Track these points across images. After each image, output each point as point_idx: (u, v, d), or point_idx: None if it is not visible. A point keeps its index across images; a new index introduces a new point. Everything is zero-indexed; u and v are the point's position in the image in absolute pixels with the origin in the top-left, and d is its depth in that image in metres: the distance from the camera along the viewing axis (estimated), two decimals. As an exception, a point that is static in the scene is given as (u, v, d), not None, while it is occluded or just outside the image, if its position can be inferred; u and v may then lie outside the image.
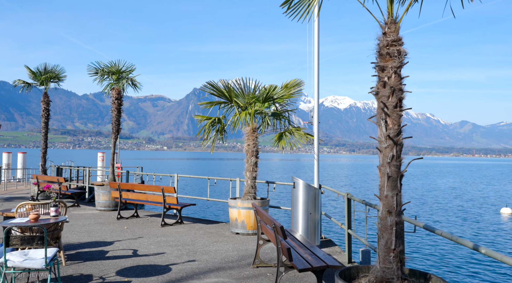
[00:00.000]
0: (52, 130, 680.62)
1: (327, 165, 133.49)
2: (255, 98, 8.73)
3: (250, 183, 9.00)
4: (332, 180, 55.39)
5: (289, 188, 31.55)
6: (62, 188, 12.57)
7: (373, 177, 65.32)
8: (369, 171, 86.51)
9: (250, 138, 9.01)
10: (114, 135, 12.51)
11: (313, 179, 8.01)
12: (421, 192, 39.19)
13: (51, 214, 5.48)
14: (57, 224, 6.02)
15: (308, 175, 68.08)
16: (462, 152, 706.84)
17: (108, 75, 12.45)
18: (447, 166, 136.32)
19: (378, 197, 3.43)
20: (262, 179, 54.78)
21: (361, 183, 51.10)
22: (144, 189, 10.29)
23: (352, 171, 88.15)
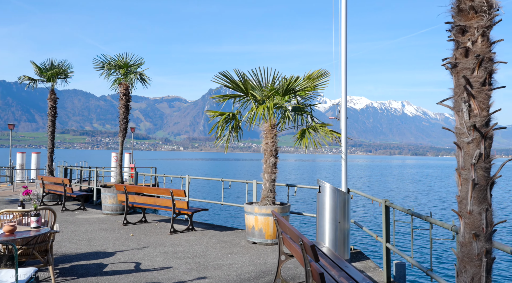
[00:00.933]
0: (71, 131, 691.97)
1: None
2: (274, 91, 7.73)
3: (269, 186, 8.01)
4: (349, 181, 53.97)
5: (312, 191, 29.98)
6: (68, 190, 11.78)
7: (390, 178, 63.62)
8: (387, 172, 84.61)
9: (268, 136, 8.03)
10: (121, 134, 11.67)
11: (336, 181, 6.99)
12: (446, 194, 37.58)
13: (31, 225, 4.60)
14: (44, 235, 5.13)
15: (327, 176, 66.69)
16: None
17: (115, 70, 11.62)
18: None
19: (457, 212, 2.41)
20: (281, 181, 53.34)
21: (381, 184, 49.56)
22: (152, 192, 9.39)
23: (370, 172, 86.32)
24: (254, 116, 7.72)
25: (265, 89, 7.86)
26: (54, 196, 13.44)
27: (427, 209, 26.30)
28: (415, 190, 42.07)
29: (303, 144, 7.70)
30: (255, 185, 9.26)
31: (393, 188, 44.03)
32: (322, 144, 7.70)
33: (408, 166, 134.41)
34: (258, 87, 7.99)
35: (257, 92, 8.01)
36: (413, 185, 49.36)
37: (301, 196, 29.91)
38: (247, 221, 7.99)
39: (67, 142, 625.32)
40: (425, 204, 29.15)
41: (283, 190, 11.00)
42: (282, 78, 7.65)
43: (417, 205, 28.89)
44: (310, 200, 27.61)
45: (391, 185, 47.75)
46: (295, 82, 7.64)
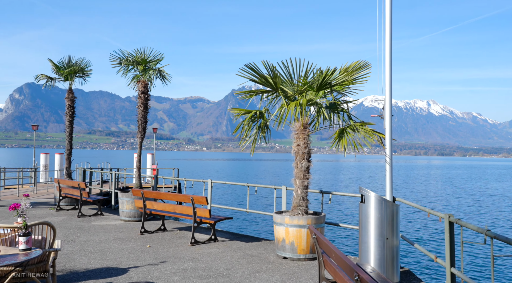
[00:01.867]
0: (98, 132, 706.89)
1: (367, 165, 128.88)
2: (308, 85, 6.78)
3: (301, 193, 7.07)
4: (374, 183, 52.30)
5: (348, 199, 28.13)
6: (84, 195, 11.13)
7: (418, 179, 61.50)
8: (413, 174, 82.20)
9: (300, 136, 7.09)
10: (140, 135, 10.94)
11: (364, 185, 5.99)
12: (480, 197, 35.67)
13: (19, 246, 3.81)
14: (43, 255, 4.35)
15: (351, 177, 65.07)
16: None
17: (134, 66, 10.89)
18: (499, 168, 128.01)
19: None
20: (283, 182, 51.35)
21: (408, 186, 47.76)
22: (172, 198, 8.59)
23: (395, 172, 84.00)
24: (284, 115, 6.80)
25: (297, 84, 6.93)
26: (72, 200, 12.86)
27: (463, 214, 24.75)
28: (446, 192, 40.24)
29: (342, 145, 6.72)
30: (284, 191, 8.33)
31: (421, 189, 42.26)
32: (364, 145, 6.70)
33: (434, 167, 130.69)
34: (288, 81, 7.06)
35: (287, 87, 7.08)
36: (443, 186, 47.37)
37: (335, 203, 26.88)
38: (277, 233, 7.07)
39: (93, 143, 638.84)
40: (461, 208, 27.55)
41: (317, 198, 10.01)
42: (317, 71, 6.69)
43: (452, 209, 27.33)
44: (346, 208, 24.93)
45: (419, 187, 45.94)
46: (331, 76, 6.67)
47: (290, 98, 7.23)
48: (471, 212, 25.64)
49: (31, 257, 3.61)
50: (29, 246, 3.79)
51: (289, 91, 7.08)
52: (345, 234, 16.37)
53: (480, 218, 23.12)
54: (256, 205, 25.74)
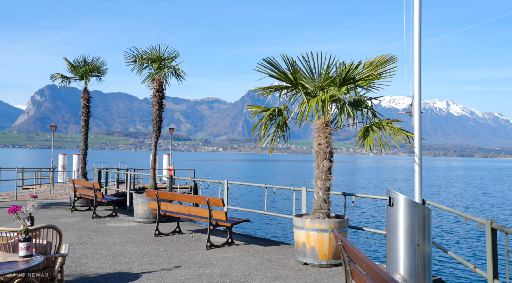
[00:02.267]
0: (116, 133, 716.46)
1: (385, 167, 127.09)
2: (330, 80, 6.37)
3: (322, 195, 6.67)
4: (395, 184, 51.27)
5: (372, 202, 26.38)
6: (98, 195, 10.92)
7: (437, 180, 60.13)
8: (434, 175, 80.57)
9: (321, 135, 6.69)
10: (154, 135, 10.68)
11: (381, 186, 5.54)
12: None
13: (19, 253, 3.51)
14: (47, 261, 4.06)
15: (370, 179, 64.06)
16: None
17: (148, 64, 10.63)
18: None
19: None
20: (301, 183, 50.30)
21: (429, 188, 46.68)
22: (187, 199, 8.27)
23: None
24: (305, 112, 6.41)
25: (318, 79, 6.53)
26: (87, 201, 12.69)
27: (499, 220, 23.86)
28: (473, 194, 39.13)
29: (367, 144, 6.28)
30: (304, 193, 7.92)
31: (447, 191, 41.20)
32: (391, 145, 6.26)
33: (455, 168, 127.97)
34: (309, 76, 6.67)
35: (308, 83, 6.68)
36: (469, 188, 46.12)
37: (358, 206, 25.16)
38: (297, 237, 6.68)
39: (112, 143, 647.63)
40: (491, 212, 26.63)
41: (339, 200, 9.55)
42: (340, 64, 6.27)
43: (486, 213, 26.43)
44: (369, 211, 23.32)
45: (444, 189, 44.84)
46: (355, 70, 6.24)
47: (310, 94, 6.84)
48: (508, 216, 24.59)
49: (31, 265, 3.31)
50: (30, 253, 3.50)
51: (309, 87, 6.69)
52: (370, 239, 15.44)
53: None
54: (274, 207, 24.85)
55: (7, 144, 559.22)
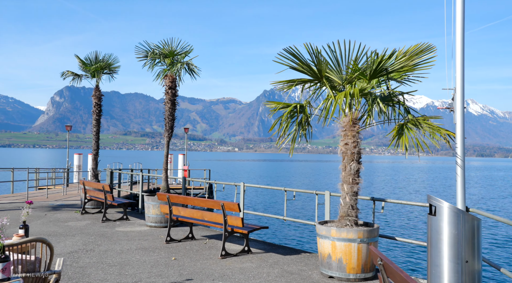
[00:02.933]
0: (133, 133, 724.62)
1: (402, 167, 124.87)
2: (359, 72, 5.68)
3: (349, 200, 5.98)
4: (410, 184, 49.93)
5: (405, 208, 24.06)
6: (108, 198, 10.43)
7: (471, 183, 58.35)
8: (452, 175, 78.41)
9: (348, 134, 6.01)
10: (167, 134, 10.12)
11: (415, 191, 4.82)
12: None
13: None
14: (36, 280, 3.48)
15: (386, 179, 62.70)
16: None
17: (160, 59, 10.08)
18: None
19: None
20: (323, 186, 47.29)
21: (447, 188, 45.28)
22: (200, 203, 7.67)
23: (438, 174, 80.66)
24: (330, 108, 5.73)
25: (346, 71, 5.84)
26: (98, 203, 12.23)
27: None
28: (494, 196, 37.72)
29: (402, 144, 5.57)
30: (328, 197, 7.24)
31: (476, 194, 39.83)
32: (430, 145, 5.53)
33: (475, 168, 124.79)
34: (335, 68, 5.99)
35: (334, 76, 6.00)
36: (488, 189, 44.59)
37: (388, 212, 23.00)
38: (321, 247, 6.01)
39: (129, 143, 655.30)
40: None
41: (366, 206, 8.81)
42: (372, 54, 5.56)
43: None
44: (400, 218, 20.94)
45: (478, 192, 43.41)
46: (388, 60, 5.54)
47: (336, 88, 6.16)
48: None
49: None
50: (7, 275, 2.91)
51: (336, 80, 6.01)
52: (402, 250, 13.94)
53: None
54: (294, 212, 23.14)
55: (28, 144, 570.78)
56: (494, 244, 15.79)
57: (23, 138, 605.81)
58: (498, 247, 15.27)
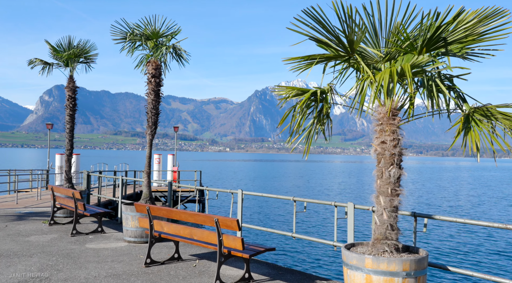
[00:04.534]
0: (123, 133, 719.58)
1: (429, 168, 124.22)
2: (409, 43, 4.12)
3: (388, 218, 4.45)
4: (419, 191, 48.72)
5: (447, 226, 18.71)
6: (79, 207, 8.77)
7: (446, 183, 57.49)
8: (446, 176, 77.88)
9: (386, 129, 4.49)
10: (150, 131, 8.50)
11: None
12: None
13: None
14: None
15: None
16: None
17: (142, 42, 8.46)
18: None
19: None
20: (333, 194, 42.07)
21: (441, 191, 44.17)
22: (188, 218, 6.08)
23: (423, 175, 79.83)
24: (364, 91, 4.18)
25: (391, 40, 4.29)
26: (72, 211, 10.56)
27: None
28: (488, 198, 36.59)
29: (473, 142, 4.04)
30: (351, 211, 5.69)
31: (461, 197, 38.64)
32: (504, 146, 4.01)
33: (465, 169, 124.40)
34: (371, 39, 4.44)
35: (370, 48, 4.45)
36: (478, 190, 43.52)
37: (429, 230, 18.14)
38: (350, 281, 4.46)
39: (119, 143, 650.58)
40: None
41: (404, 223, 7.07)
42: (427, 16, 4.00)
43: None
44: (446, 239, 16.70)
45: (447, 193, 42.29)
46: (447, 28, 3.98)
47: (369, 67, 4.62)
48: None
49: None
50: None
51: (371, 56, 4.46)
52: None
53: None
54: (304, 225, 19.18)
55: (16, 143, 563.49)
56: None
57: (11, 138, 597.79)
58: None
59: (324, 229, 18.32)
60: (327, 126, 5.32)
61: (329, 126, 5.34)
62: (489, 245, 15.67)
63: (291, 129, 5.11)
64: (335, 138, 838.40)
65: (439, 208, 27.61)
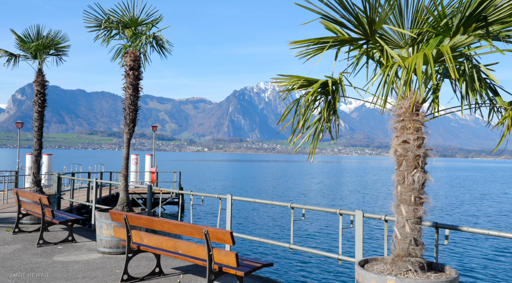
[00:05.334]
0: (99, 133, 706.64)
1: (370, 167, 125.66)
2: (445, 21, 3.44)
3: (412, 231, 3.80)
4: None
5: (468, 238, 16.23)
6: (47, 214, 7.84)
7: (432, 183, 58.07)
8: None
9: (409, 125, 3.85)
10: (127, 129, 7.64)
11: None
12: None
13: None
14: None
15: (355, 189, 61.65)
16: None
17: (119, 30, 7.60)
18: (505, 170, 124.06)
19: None
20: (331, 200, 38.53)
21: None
22: (173, 229, 5.29)
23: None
24: (391, 81, 3.50)
25: (420, 17, 3.61)
26: (39, 218, 9.57)
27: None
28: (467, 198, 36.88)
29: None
30: (360, 219, 5.01)
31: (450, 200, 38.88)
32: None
33: (440, 169, 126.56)
34: (395, 19, 3.76)
35: (395, 29, 3.78)
36: (456, 190, 44.00)
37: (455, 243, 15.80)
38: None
39: (95, 143, 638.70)
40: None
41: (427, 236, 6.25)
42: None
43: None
44: (466, 250, 14.83)
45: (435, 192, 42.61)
46: (494, 1, 3.34)
47: (402, 49, 3.96)
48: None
49: None
50: None
51: (394, 39, 3.78)
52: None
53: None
54: (303, 235, 16.97)
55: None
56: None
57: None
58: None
59: (326, 239, 16.16)
60: (334, 124, 4.66)
61: (336, 123, 4.67)
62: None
63: (293, 127, 4.42)
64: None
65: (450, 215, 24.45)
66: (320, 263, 12.37)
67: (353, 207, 26.98)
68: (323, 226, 19.08)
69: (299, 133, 4.46)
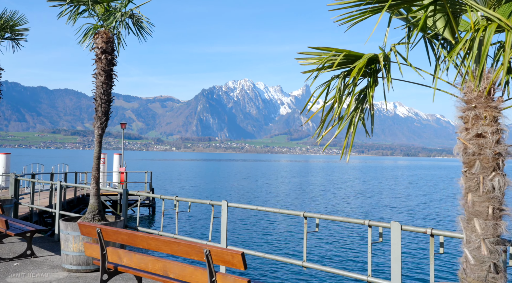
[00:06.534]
0: (62, 131, 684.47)
1: (337, 166, 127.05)
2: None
3: (490, 253, 2.89)
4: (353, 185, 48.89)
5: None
6: (0, 225, 6.51)
7: (391, 181, 58.92)
8: (388, 175, 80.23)
9: (484, 114, 2.95)
10: (99, 123, 6.43)
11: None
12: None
13: None
14: None
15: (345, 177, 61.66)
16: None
17: (88, 6, 6.38)
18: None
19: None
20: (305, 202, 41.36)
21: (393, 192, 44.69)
22: (161, 246, 4.17)
23: (366, 174, 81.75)
24: (486, 50, 2.56)
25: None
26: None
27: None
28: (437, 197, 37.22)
29: None
30: (397, 232, 4.06)
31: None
32: None
33: (403, 167, 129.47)
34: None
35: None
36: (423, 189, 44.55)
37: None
38: None
39: (58, 142, 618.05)
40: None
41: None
42: None
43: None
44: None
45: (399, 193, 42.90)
46: None
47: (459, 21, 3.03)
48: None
49: None
50: None
51: (473, 2, 2.84)
52: None
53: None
54: (315, 250, 13.90)
55: None
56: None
57: None
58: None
59: (342, 254, 13.13)
60: (368, 115, 3.70)
61: (370, 113, 3.72)
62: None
63: (323, 116, 3.43)
64: (282, 138, 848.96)
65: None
66: (335, 280, 10.37)
67: (354, 207, 26.38)
68: (339, 238, 15.92)
69: (328, 126, 3.48)
